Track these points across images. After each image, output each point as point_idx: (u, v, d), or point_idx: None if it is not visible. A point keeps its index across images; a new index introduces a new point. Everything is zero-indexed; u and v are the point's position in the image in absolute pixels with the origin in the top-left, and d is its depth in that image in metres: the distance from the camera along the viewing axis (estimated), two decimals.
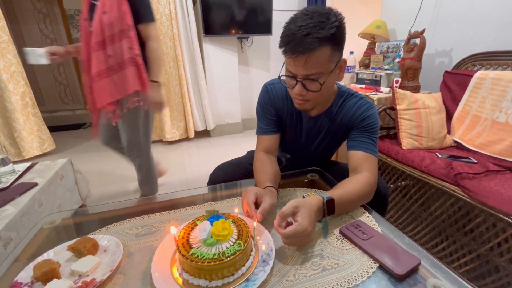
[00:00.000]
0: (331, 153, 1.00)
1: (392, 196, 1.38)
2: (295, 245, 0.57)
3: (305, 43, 0.60)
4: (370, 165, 0.74)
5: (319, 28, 0.60)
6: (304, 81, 0.67)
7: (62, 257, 0.56)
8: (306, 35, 0.60)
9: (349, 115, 0.81)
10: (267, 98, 0.86)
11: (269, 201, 0.63)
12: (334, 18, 0.62)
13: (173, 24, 2.50)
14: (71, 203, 1.27)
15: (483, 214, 0.96)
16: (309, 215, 0.55)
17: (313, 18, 0.61)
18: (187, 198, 0.79)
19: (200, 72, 2.71)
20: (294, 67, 0.66)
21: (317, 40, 0.60)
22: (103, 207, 0.79)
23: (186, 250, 0.49)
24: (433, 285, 0.48)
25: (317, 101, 0.74)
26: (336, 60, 0.68)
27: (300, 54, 0.62)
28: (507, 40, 1.46)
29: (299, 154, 0.95)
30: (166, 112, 2.71)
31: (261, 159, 0.82)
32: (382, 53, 2.03)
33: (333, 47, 0.63)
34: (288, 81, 0.71)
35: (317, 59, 0.63)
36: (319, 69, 0.65)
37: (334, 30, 0.61)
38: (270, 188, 0.70)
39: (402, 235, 0.61)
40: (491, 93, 1.29)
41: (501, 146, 1.19)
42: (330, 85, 0.71)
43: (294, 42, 0.62)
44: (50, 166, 1.22)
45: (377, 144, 0.78)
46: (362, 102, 0.80)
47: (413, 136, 1.37)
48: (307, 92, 0.69)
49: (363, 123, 0.78)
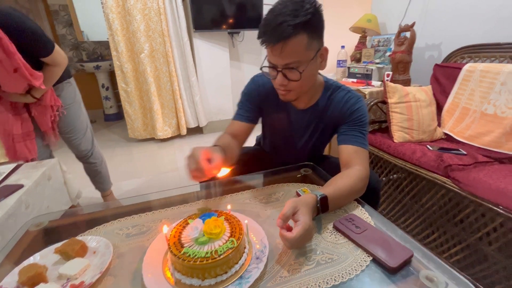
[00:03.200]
0: (322, 146, 1.00)
1: (384, 189, 1.39)
2: (300, 246, 0.54)
3: (280, 31, 0.61)
4: (361, 158, 0.74)
5: (293, 16, 0.61)
6: (284, 70, 0.67)
7: (49, 260, 0.54)
8: (280, 23, 0.60)
9: (337, 109, 0.81)
10: (253, 88, 0.87)
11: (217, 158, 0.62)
12: (309, 5, 0.62)
13: (162, 20, 2.45)
14: (60, 204, 1.24)
15: (473, 204, 0.97)
16: (308, 212, 0.55)
17: (288, 6, 0.62)
18: (179, 196, 0.78)
19: (191, 68, 2.67)
20: (273, 57, 0.66)
21: (291, 27, 0.60)
22: (92, 208, 0.77)
23: (177, 250, 0.48)
24: (425, 276, 0.48)
25: (300, 91, 0.74)
26: (316, 49, 0.68)
27: (276, 43, 0.62)
28: (495, 32, 1.48)
29: (289, 148, 0.94)
30: (157, 109, 2.67)
31: (223, 136, 0.82)
32: (373, 47, 2.04)
33: (309, 34, 0.63)
34: (270, 72, 0.72)
35: (293, 47, 0.63)
36: (297, 57, 0.65)
37: (309, 16, 0.61)
38: (215, 147, 0.69)
39: (394, 228, 0.61)
40: (479, 85, 1.31)
41: (489, 138, 1.22)
42: (311, 74, 0.71)
43: (269, 31, 0.62)
44: (37, 166, 1.18)
45: (367, 137, 0.79)
46: (350, 96, 0.80)
47: (404, 129, 1.38)
48: (288, 81, 0.69)
49: (352, 117, 0.78)
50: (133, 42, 2.47)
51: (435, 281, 0.47)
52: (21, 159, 1.28)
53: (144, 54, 2.48)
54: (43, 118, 1.29)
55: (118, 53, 2.47)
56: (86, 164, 1.61)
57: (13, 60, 1.03)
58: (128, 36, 2.47)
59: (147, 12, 2.42)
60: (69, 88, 1.42)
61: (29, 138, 1.28)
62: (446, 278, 0.48)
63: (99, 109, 3.81)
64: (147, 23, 2.45)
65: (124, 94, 2.63)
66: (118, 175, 2.08)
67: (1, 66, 1.03)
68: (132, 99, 2.64)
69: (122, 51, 2.46)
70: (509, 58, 1.34)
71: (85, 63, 3.27)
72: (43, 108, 1.28)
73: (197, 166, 0.59)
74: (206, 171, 0.58)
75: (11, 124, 1.23)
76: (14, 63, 1.04)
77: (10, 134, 1.24)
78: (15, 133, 1.24)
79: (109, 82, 3.59)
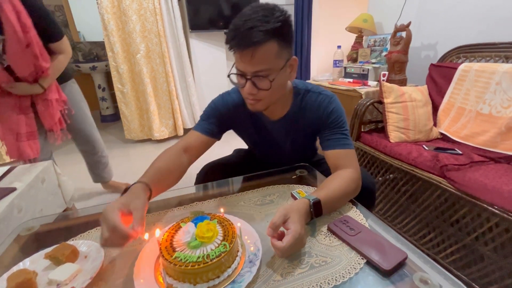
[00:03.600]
0: (312, 148, 0.99)
1: (380, 189, 1.39)
2: (291, 253, 0.53)
3: (250, 37, 0.59)
4: (350, 160, 0.73)
5: (263, 22, 0.59)
6: (254, 78, 0.64)
7: (39, 266, 0.53)
8: (250, 28, 0.59)
9: (312, 113, 0.79)
10: (221, 105, 0.82)
11: (139, 209, 0.53)
12: (279, 13, 0.61)
13: (158, 20, 2.44)
14: (55, 207, 1.23)
15: (469, 204, 0.97)
16: (299, 219, 0.54)
17: (258, 12, 0.60)
18: (172, 199, 0.77)
19: (187, 69, 2.66)
20: (242, 64, 0.64)
21: (262, 33, 0.59)
22: (85, 211, 0.76)
23: (169, 254, 0.47)
24: (419, 279, 0.48)
25: (269, 101, 0.71)
26: (285, 58, 0.66)
27: (245, 48, 0.60)
28: (491, 32, 1.48)
29: (278, 155, 0.93)
30: (154, 110, 2.65)
31: (167, 154, 0.73)
32: (369, 47, 2.04)
33: (280, 42, 0.62)
34: (238, 80, 0.69)
35: (263, 54, 0.61)
36: (267, 64, 0.63)
37: (280, 24, 0.60)
38: (136, 187, 0.59)
39: (389, 229, 0.61)
40: (475, 85, 1.32)
41: (485, 137, 1.22)
42: (281, 84, 0.69)
43: (239, 37, 0.60)
44: (30, 169, 1.16)
45: (349, 135, 0.77)
46: (322, 98, 0.78)
47: (400, 129, 1.38)
48: (257, 90, 0.66)
49: (329, 120, 0.77)
50: (129, 42, 2.45)
51: (429, 283, 0.47)
52: (23, 158, 1.28)
53: (140, 54, 2.47)
54: (48, 114, 1.30)
55: (114, 53, 2.46)
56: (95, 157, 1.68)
57: (27, 35, 1.06)
58: (124, 37, 2.46)
59: (142, 13, 2.40)
60: (74, 86, 1.48)
61: (32, 137, 1.29)
62: (440, 280, 0.48)
63: (96, 110, 3.79)
64: (143, 23, 2.44)
65: (120, 95, 2.62)
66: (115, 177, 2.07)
67: (16, 39, 1.04)
68: (129, 100, 2.63)
69: (118, 51, 2.45)
70: (504, 57, 1.34)
71: (81, 63, 3.25)
72: (49, 103, 1.29)
73: (112, 233, 0.49)
74: (128, 234, 0.49)
75: (16, 123, 1.24)
76: (28, 38, 1.07)
77: (14, 133, 1.24)
78: (19, 132, 1.24)
79: (105, 83, 3.57)
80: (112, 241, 0.50)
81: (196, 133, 0.80)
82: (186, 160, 0.76)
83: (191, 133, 0.81)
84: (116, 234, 0.49)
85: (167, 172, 0.69)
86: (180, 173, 0.74)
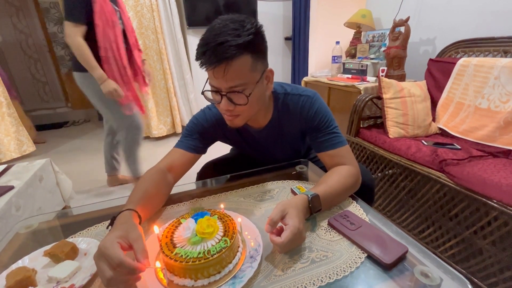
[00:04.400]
0: (304, 148, 0.98)
1: (379, 184, 1.40)
2: (290, 249, 0.53)
3: (221, 52, 0.56)
4: (346, 157, 0.73)
5: (234, 36, 0.56)
6: (229, 94, 0.62)
7: (38, 264, 0.53)
8: (221, 43, 0.56)
9: (295, 117, 0.77)
10: (204, 120, 0.79)
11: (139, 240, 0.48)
12: (250, 25, 0.58)
13: (155, 16, 2.42)
14: (53, 205, 1.22)
15: (467, 199, 0.98)
16: (297, 214, 0.54)
17: (228, 25, 0.57)
18: (173, 196, 0.76)
19: (185, 66, 2.65)
20: (215, 80, 0.61)
21: (234, 47, 0.56)
22: (84, 208, 0.75)
23: (169, 250, 0.47)
24: (420, 272, 0.48)
25: (247, 115, 0.68)
26: (261, 70, 0.64)
27: (217, 64, 0.57)
28: (488, 27, 1.48)
29: (272, 162, 0.91)
30: (152, 108, 2.64)
31: (151, 175, 0.68)
32: (368, 42, 2.03)
33: (253, 55, 0.59)
34: (214, 96, 0.66)
35: (237, 69, 0.58)
36: (242, 79, 0.60)
37: (252, 37, 0.58)
38: (124, 215, 0.54)
39: (389, 224, 0.61)
40: (473, 79, 1.31)
41: (483, 132, 1.22)
42: (258, 97, 0.66)
43: (209, 52, 0.57)
44: (28, 167, 1.16)
45: (339, 131, 0.75)
46: (303, 99, 0.75)
47: (399, 124, 1.38)
48: (234, 106, 0.64)
49: (315, 122, 0.74)
50: None
51: (430, 276, 0.47)
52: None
53: None
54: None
55: None
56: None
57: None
58: None
59: (139, 9, 2.38)
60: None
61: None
62: (440, 273, 0.48)
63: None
64: (140, 20, 2.42)
65: None
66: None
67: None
68: None
69: None
70: (502, 52, 1.34)
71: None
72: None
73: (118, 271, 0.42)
74: (136, 269, 0.43)
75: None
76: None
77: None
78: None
79: None
80: (118, 279, 0.42)
81: (179, 150, 0.76)
82: (172, 180, 0.73)
83: (174, 151, 0.77)
84: (121, 271, 0.42)
85: (153, 194, 0.65)
86: (167, 194, 0.72)
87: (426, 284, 0.46)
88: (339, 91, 1.91)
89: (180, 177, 0.77)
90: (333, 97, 1.99)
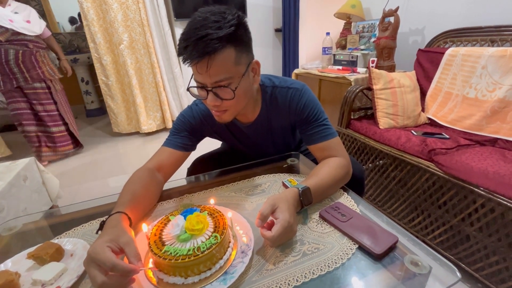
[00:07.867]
0: (295, 141, 0.97)
1: (370, 175, 1.41)
2: (281, 242, 0.53)
3: (203, 46, 0.54)
4: (336, 149, 0.72)
5: (215, 28, 0.54)
6: (215, 89, 0.60)
7: (22, 267, 0.51)
8: (202, 36, 0.53)
9: (284, 110, 0.76)
10: (190, 116, 0.77)
11: (131, 243, 0.46)
12: (231, 17, 0.56)
13: (141, 8, 2.34)
14: (40, 205, 1.19)
15: (455, 187, 1.00)
16: (288, 208, 0.53)
17: (208, 18, 0.55)
18: (163, 192, 0.75)
19: (174, 59, 2.59)
20: (200, 76, 0.59)
21: (215, 40, 0.54)
22: (71, 208, 0.73)
23: (158, 248, 0.46)
24: (410, 261, 0.48)
25: (235, 110, 0.67)
26: (246, 63, 0.62)
27: (200, 59, 0.55)
28: (476, 16, 1.49)
29: (263, 156, 0.90)
30: (140, 103, 2.58)
31: (140, 176, 0.66)
32: (358, 33, 2.02)
33: (236, 47, 0.58)
34: (199, 92, 0.64)
35: (221, 63, 0.56)
36: (226, 73, 0.58)
37: (233, 28, 0.55)
38: (114, 218, 0.52)
39: (380, 214, 0.61)
40: (461, 69, 1.33)
41: (471, 121, 1.24)
42: (245, 90, 0.65)
43: (191, 47, 0.55)
44: (11, 167, 1.12)
45: (329, 123, 0.75)
46: (292, 92, 0.74)
47: (389, 115, 1.39)
48: (221, 101, 0.62)
49: (305, 115, 0.73)
50: (111, 32, 2.36)
51: (420, 265, 0.47)
52: None
53: (124, 45, 2.38)
54: None
55: (95, 44, 2.36)
56: None
57: None
58: (105, 27, 2.36)
59: (124, 1, 2.30)
60: None
61: None
62: (430, 261, 0.48)
63: (80, 104, 3.67)
64: (125, 12, 2.34)
65: (105, 87, 2.53)
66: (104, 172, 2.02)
67: None
68: (114, 93, 2.55)
69: (99, 42, 2.35)
70: (489, 41, 1.36)
71: None
72: None
73: (111, 275, 0.41)
74: (131, 271, 0.41)
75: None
76: None
77: None
78: None
79: (89, 76, 3.44)
80: (110, 284, 0.41)
81: (168, 149, 0.74)
82: (162, 180, 0.72)
83: (162, 150, 0.75)
84: (115, 275, 0.41)
85: (142, 195, 0.63)
86: (157, 194, 0.70)
87: (416, 272, 0.47)
88: (329, 83, 1.90)
89: (170, 176, 0.76)
90: (324, 89, 1.99)
